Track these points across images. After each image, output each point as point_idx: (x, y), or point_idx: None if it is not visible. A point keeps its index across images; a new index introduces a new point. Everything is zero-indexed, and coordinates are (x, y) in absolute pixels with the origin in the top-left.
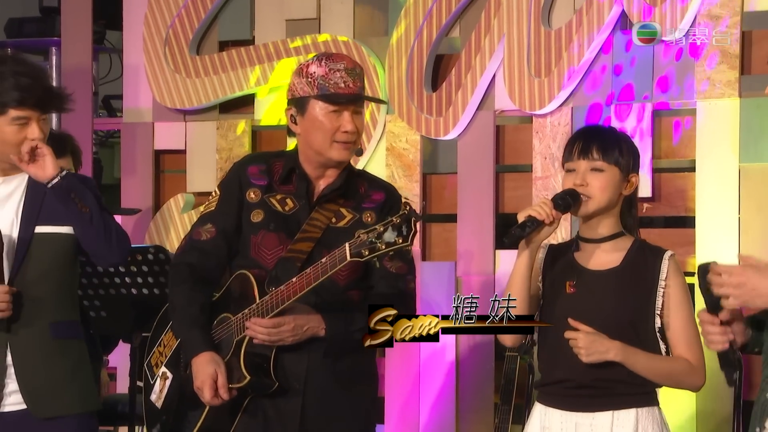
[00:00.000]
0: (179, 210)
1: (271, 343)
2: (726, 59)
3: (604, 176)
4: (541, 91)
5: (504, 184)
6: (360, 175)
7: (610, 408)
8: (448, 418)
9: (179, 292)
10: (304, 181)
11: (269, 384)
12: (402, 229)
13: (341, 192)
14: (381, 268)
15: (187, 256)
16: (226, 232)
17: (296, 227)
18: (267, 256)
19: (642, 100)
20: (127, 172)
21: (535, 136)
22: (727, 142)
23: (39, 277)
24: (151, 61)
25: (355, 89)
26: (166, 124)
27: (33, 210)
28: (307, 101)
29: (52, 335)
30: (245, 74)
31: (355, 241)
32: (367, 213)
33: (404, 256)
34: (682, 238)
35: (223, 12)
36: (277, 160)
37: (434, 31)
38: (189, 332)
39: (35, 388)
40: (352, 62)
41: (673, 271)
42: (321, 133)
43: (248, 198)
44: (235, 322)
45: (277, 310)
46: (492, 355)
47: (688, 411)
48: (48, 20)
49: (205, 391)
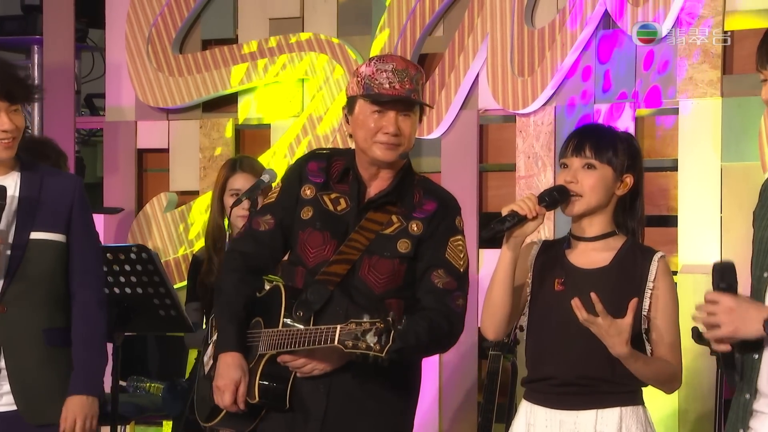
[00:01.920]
0: (162, 209)
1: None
2: (708, 59)
3: (595, 174)
4: (524, 91)
5: (487, 183)
6: (420, 183)
7: (594, 407)
8: (432, 416)
9: (229, 279)
10: (357, 183)
11: (281, 406)
12: (382, 337)
13: (392, 198)
14: (428, 282)
15: (243, 244)
16: (284, 224)
17: (343, 228)
18: (310, 254)
19: (625, 99)
20: (110, 170)
21: (519, 135)
22: (709, 141)
23: (33, 283)
24: (134, 59)
25: (402, 91)
26: (149, 122)
27: (28, 215)
28: (355, 101)
29: (46, 342)
30: (228, 73)
31: (345, 327)
32: (414, 222)
33: (454, 271)
34: (665, 237)
35: (206, 10)
36: (339, 158)
37: (418, 30)
38: (227, 325)
39: (28, 394)
40: (404, 63)
41: (662, 273)
42: (363, 132)
43: (303, 194)
44: (263, 336)
45: (285, 350)
46: (475, 353)
47: (670, 409)
48: (30, 18)
49: (226, 395)
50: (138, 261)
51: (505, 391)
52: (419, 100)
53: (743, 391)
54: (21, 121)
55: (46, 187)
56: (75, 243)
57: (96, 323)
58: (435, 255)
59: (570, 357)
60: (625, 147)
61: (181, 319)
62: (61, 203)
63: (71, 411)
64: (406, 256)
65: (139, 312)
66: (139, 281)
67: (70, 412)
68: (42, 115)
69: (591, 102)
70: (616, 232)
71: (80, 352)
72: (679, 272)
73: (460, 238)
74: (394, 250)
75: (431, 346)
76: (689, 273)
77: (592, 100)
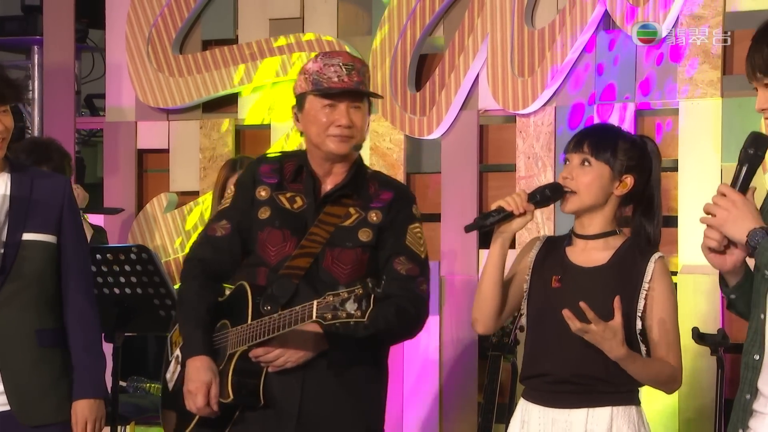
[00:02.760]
0: (162, 209)
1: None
2: (708, 59)
3: (591, 172)
4: (524, 91)
5: (487, 184)
6: (374, 176)
7: (585, 405)
8: (432, 417)
9: (189, 287)
10: (311, 179)
11: (254, 402)
12: (362, 302)
13: (348, 191)
14: (391, 270)
15: (201, 251)
16: (241, 228)
17: (302, 225)
18: (271, 253)
19: (625, 100)
20: (110, 171)
21: (519, 136)
22: (710, 141)
23: (24, 285)
24: (134, 59)
25: (350, 83)
26: (149, 123)
27: (20, 216)
28: (305, 97)
29: (38, 343)
30: (228, 73)
31: (322, 301)
32: (372, 212)
33: (415, 257)
34: (665, 238)
35: (206, 11)
36: (290, 159)
37: (418, 30)
38: (193, 331)
39: (22, 394)
40: (350, 57)
41: (659, 274)
42: (316, 127)
43: (258, 195)
44: (231, 335)
45: (259, 340)
46: (475, 354)
47: (670, 409)
48: (30, 19)
49: (198, 397)
50: (138, 261)
51: (505, 391)
52: (368, 91)
53: (744, 392)
54: (10, 122)
55: (36, 188)
56: (66, 244)
57: (93, 326)
58: (396, 243)
59: (565, 354)
60: (629, 148)
61: None
62: (51, 204)
63: (81, 414)
64: (369, 245)
65: (140, 312)
66: (139, 281)
67: (80, 416)
68: (42, 115)
69: (591, 102)
70: (618, 231)
71: (80, 355)
72: (680, 272)
73: (419, 226)
74: (356, 240)
75: (400, 330)
76: (689, 273)
77: (593, 101)
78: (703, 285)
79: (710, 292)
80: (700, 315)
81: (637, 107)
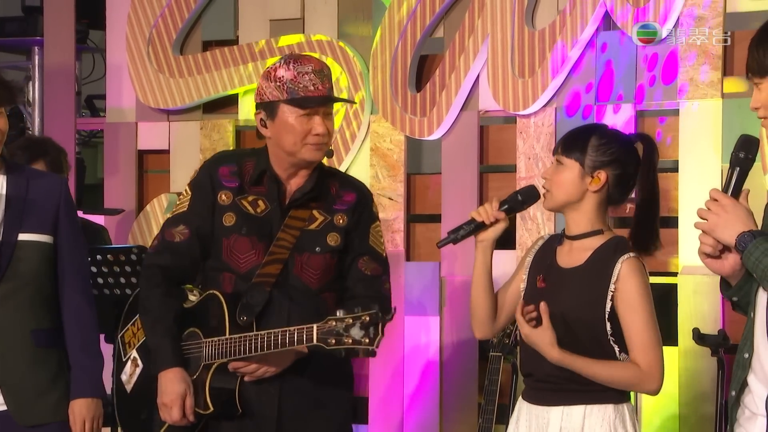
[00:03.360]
0: (162, 210)
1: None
2: (709, 60)
3: (562, 171)
4: (524, 92)
5: (488, 185)
6: (332, 175)
7: (561, 403)
8: (432, 418)
9: (152, 296)
10: (275, 183)
11: (233, 412)
12: (369, 330)
13: (313, 194)
14: (356, 271)
15: (160, 258)
16: (200, 233)
17: (268, 230)
18: (239, 260)
19: (625, 100)
20: (110, 172)
21: (519, 137)
22: (710, 142)
23: (21, 285)
24: (135, 60)
25: (324, 91)
26: (150, 124)
27: (15, 216)
28: (277, 105)
29: (34, 343)
30: (229, 74)
31: (323, 325)
32: (338, 215)
33: (378, 257)
34: (665, 239)
35: (206, 12)
36: (248, 160)
37: (418, 31)
38: (161, 341)
39: (18, 394)
40: (319, 63)
41: (626, 274)
42: (292, 136)
43: (220, 200)
44: (205, 346)
45: (245, 356)
46: (476, 355)
47: (671, 411)
48: (30, 20)
49: (174, 410)
50: (138, 262)
51: (505, 392)
52: (348, 99)
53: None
54: (4, 124)
55: (32, 188)
56: (63, 244)
57: (90, 326)
58: (360, 243)
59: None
60: (602, 144)
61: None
62: (47, 204)
63: (79, 414)
64: (337, 249)
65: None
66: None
67: (78, 415)
68: (42, 116)
69: (591, 103)
70: (602, 231)
71: (78, 355)
72: (680, 273)
73: (379, 224)
74: (325, 245)
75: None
76: (690, 274)
77: (593, 102)
78: (703, 286)
79: (710, 293)
80: (700, 316)
81: (638, 108)
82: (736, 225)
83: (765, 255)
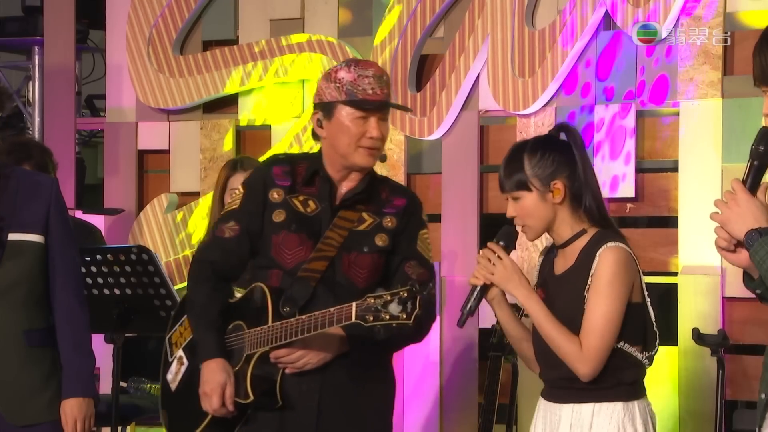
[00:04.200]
0: (162, 210)
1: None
2: (709, 60)
3: (521, 203)
4: (525, 92)
5: (488, 184)
6: (383, 181)
7: (572, 401)
8: (432, 418)
9: (200, 290)
10: (327, 184)
11: (273, 403)
12: (407, 305)
13: (363, 197)
14: (402, 274)
15: (210, 253)
16: (250, 230)
17: (317, 229)
18: (287, 256)
19: (625, 100)
20: (110, 171)
21: (519, 137)
22: (710, 142)
23: (12, 285)
24: (135, 60)
25: (382, 96)
26: (150, 123)
27: (6, 216)
28: (335, 106)
29: (26, 343)
30: (229, 74)
31: (362, 303)
32: (387, 218)
33: (425, 262)
34: (666, 238)
35: (206, 12)
36: (302, 162)
37: (418, 31)
38: (205, 334)
39: (10, 394)
40: (380, 69)
41: (600, 261)
42: (347, 137)
43: (271, 198)
44: (248, 336)
45: (286, 341)
46: (476, 355)
47: (671, 410)
48: (31, 19)
49: (213, 399)
50: (138, 262)
51: (505, 392)
52: (405, 106)
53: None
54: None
55: (22, 188)
56: (54, 244)
57: (81, 325)
58: (408, 248)
59: (552, 360)
60: (538, 160)
61: None
62: (38, 204)
63: (70, 414)
64: (385, 250)
65: (140, 313)
66: (139, 282)
67: (69, 416)
68: (42, 116)
69: (592, 103)
70: (585, 230)
71: (70, 355)
72: (680, 273)
73: (427, 231)
74: (373, 245)
75: (415, 333)
76: (690, 274)
77: (593, 102)
78: (703, 285)
79: (710, 293)
80: (700, 315)
81: (638, 108)
82: (747, 220)
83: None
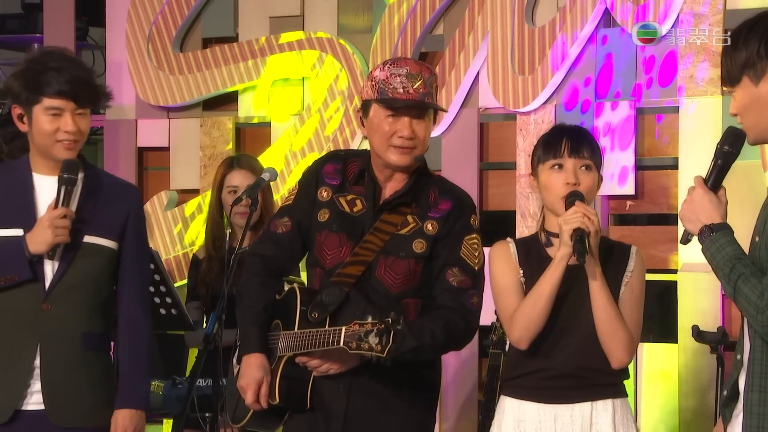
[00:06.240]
0: (162, 207)
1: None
2: (708, 57)
3: (593, 175)
4: (524, 89)
5: (488, 182)
6: (436, 182)
7: (589, 399)
8: None
9: (249, 283)
10: (372, 184)
11: (301, 406)
12: (383, 338)
13: (407, 199)
14: (443, 281)
15: (263, 248)
16: (301, 226)
17: (360, 230)
18: (327, 256)
19: (625, 97)
20: (110, 169)
21: (519, 134)
22: (710, 139)
23: (79, 285)
24: (134, 57)
25: (415, 95)
26: (150, 121)
27: (85, 217)
28: (369, 105)
29: (83, 346)
30: (229, 71)
31: (350, 328)
32: (429, 222)
33: (468, 269)
34: (665, 236)
35: (206, 9)
36: (355, 159)
37: (418, 28)
38: (249, 327)
39: (57, 395)
40: (417, 67)
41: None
42: (378, 136)
43: (319, 196)
44: (280, 339)
45: (301, 351)
46: (475, 351)
47: (671, 406)
48: (30, 17)
49: (248, 393)
50: None
51: None
52: (433, 104)
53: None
54: (86, 125)
55: (106, 193)
56: (127, 252)
57: (143, 336)
58: (450, 254)
59: (569, 349)
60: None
61: (181, 318)
62: (118, 210)
63: (121, 424)
64: (422, 256)
65: None
66: None
67: (120, 426)
68: None
69: (591, 101)
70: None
71: (128, 364)
72: (680, 270)
73: (475, 237)
74: (410, 250)
75: (447, 343)
76: (690, 272)
77: (593, 99)
78: (703, 283)
79: (710, 290)
80: (700, 313)
81: (638, 105)
82: (701, 216)
83: (719, 251)
